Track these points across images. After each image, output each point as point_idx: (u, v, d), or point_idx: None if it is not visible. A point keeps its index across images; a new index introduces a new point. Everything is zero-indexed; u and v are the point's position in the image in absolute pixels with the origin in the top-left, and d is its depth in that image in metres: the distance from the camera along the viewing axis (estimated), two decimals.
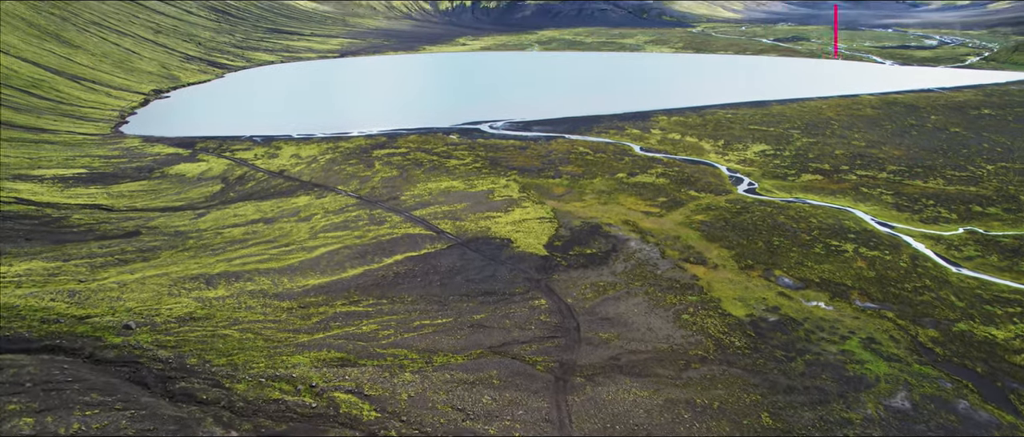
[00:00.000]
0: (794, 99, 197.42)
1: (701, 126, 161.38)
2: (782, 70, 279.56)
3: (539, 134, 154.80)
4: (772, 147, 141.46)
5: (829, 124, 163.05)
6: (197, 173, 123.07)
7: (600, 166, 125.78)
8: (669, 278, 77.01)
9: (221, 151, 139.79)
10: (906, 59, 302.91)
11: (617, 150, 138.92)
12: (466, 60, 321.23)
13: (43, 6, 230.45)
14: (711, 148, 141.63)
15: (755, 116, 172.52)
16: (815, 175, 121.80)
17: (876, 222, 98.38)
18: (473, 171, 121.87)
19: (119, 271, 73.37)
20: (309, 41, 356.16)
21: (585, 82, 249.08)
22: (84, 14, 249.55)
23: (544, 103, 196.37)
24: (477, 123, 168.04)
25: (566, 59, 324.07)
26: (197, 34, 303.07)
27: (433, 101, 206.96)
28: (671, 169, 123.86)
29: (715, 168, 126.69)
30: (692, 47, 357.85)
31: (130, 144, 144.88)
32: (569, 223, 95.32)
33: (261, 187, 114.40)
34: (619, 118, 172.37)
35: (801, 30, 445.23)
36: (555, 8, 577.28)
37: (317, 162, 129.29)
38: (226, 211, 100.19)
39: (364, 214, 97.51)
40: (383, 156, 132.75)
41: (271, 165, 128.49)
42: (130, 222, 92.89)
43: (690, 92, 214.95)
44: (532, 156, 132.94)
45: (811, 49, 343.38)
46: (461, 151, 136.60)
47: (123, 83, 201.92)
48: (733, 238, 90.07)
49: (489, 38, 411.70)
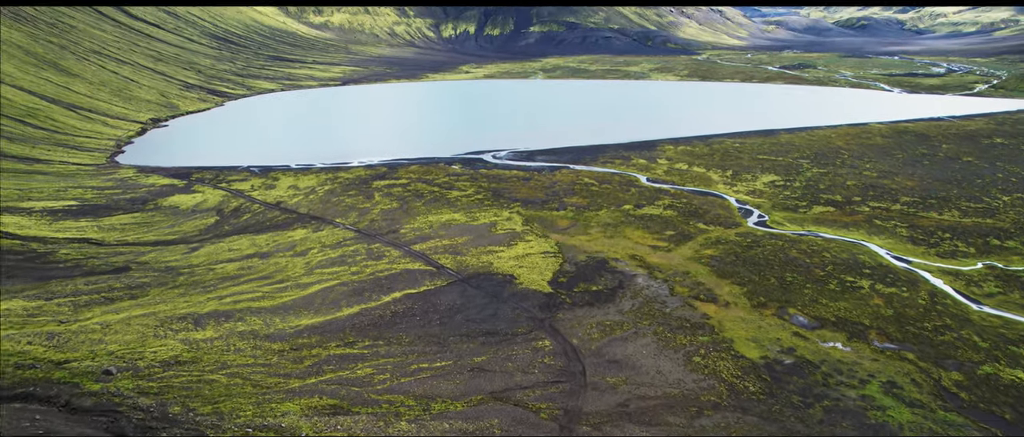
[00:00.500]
0: (802, 128, 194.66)
1: (708, 156, 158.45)
2: (789, 98, 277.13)
3: (543, 164, 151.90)
4: (782, 178, 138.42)
5: (839, 154, 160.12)
6: (192, 205, 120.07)
7: (606, 198, 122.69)
8: (679, 317, 73.72)
9: (217, 182, 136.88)
10: (914, 87, 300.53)
11: (623, 181, 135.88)
12: (469, 88, 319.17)
13: (42, 34, 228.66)
14: (719, 179, 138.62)
15: (763, 145, 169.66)
16: (827, 207, 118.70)
17: (892, 256, 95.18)
18: (475, 203, 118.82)
19: (103, 310, 70.20)
20: (311, 69, 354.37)
21: (590, 110, 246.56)
22: (84, 42, 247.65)
23: (548, 132, 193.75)
24: (480, 153, 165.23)
25: (570, 87, 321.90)
26: (198, 62, 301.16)
27: (435, 130, 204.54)
28: (679, 201, 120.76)
29: (724, 200, 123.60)
30: (698, 75, 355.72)
31: (125, 175, 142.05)
32: (574, 258, 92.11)
33: (257, 220, 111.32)
34: (625, 147, 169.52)
35: (807, 57, 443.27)
36: (559, 36, 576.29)
37: (315, 193, 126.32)
38: (220, 245, 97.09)
39: (362, 248, 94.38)
40: (383, 187, 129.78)
41: (268, 197, 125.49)
42: (120, 257, 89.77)
43: (697, 121, 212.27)
44: (536, 187, 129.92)
45: (818, 76, 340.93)
46: (463, 182, 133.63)
47: (121, 112, 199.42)
48: (744, 274, 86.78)
49: (493, 66, 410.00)
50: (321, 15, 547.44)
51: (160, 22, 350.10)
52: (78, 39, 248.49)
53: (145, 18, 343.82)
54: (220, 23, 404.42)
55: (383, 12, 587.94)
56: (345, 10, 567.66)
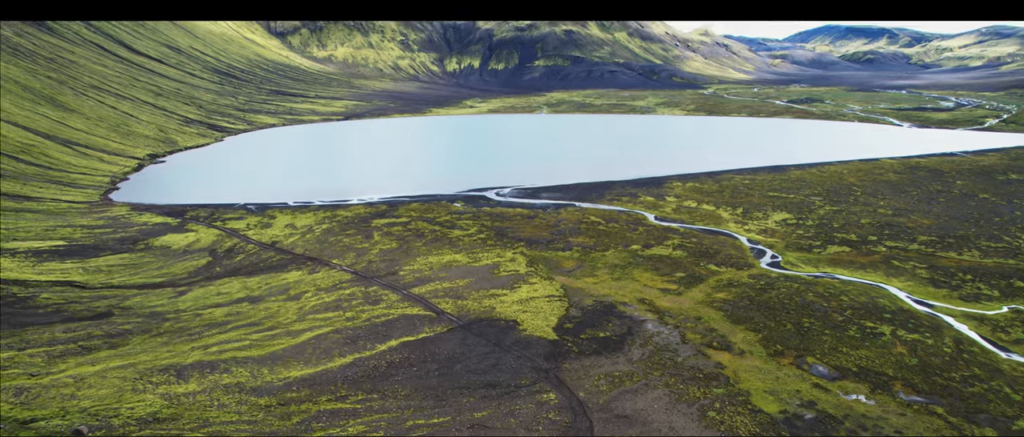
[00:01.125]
0: (813, 163, 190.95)
1: (718, 193, 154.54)
2: (798, 133, 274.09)
3: (548, 202, 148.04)
4: (794, 216, 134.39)
5: (851, 190, 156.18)
6: (184, 245, 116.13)
7: (613, 237, 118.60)
8: (691, 367, 69.42)
9: (212, 220, 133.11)
10: (924, 121, 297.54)
11: (630, 219, 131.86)
12: (473, 123, 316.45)
13: (40, 69, 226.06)
14: (730, 217, 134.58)
15: (773, 182, 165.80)
16: (842, 247, 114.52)
17: (912, 300, 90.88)
18: (477, 243, 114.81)
19: (79, 362, 66.09)
20: (313, 103, 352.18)
21: (596, 146, 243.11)
22: (83, 77, 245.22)
23: (553, 168, 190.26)
24: (483, 190, 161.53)
25: (576, 122, 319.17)
26: (199, 97, 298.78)
27: (437, 166, 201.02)
28: (688, 240, 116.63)
29: (735, 239, 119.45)
30: (704, 109, 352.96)
31: (117, 212, 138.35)
32: (580, 302, 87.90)
33: (250, 261, 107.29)
34: (632, 184, 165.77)
35: (814, 91, 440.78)
36: (564, 70, 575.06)
37: (312, 232, 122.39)
38: (209, 289, 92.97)
39: (359, 292, 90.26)
40: (383, 226, 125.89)
41: (263, 236, 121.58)
42: (103, 302, 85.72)
43: (705, 156, 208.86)
44: (540, 226, 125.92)
45: (826, 111, 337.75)
46: (465, 220, 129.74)
47: (118, 147, 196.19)
48: (759, 319, 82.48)
49: (497, 100, 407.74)
50: (324, 49, 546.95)
51: (163, 57, 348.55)
52: (78, 74, 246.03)
53: (148, 53, 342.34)
54: (223, 58, 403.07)
55: (387, 46, 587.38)
56: (348, 44, 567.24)
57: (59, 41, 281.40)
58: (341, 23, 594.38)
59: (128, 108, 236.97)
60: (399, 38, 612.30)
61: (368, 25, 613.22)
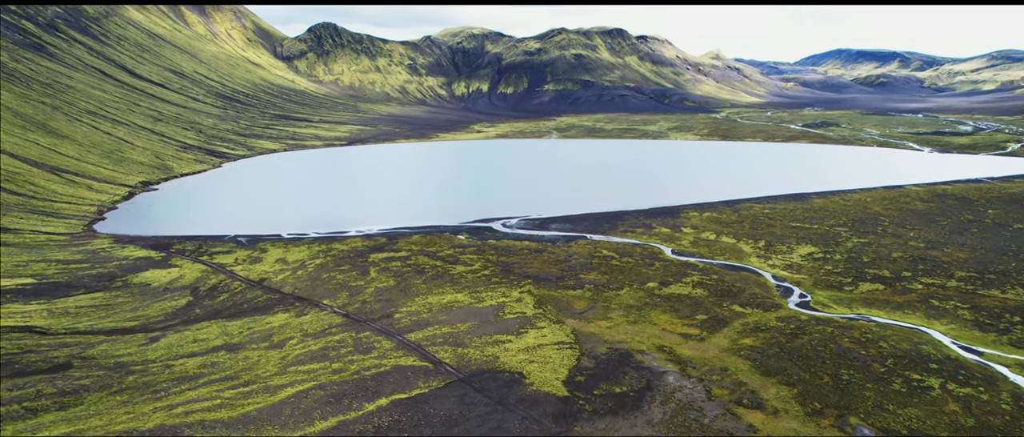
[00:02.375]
0: (835, 191, 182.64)
1: (737, 223, 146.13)
2: (816, 158, 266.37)
3: (557, 234, 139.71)
4: (820, 249, 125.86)
5: (878, 220, 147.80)
6: (165, 282, 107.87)
7: (627, 274, 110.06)
8: (720, 429, 60.92)
9: (199, 254, 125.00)
10: (944, 146, 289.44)
11: (646, 253, 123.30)
12: (480, 149, 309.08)
13: (34, 94, 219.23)
14: (751, 250, 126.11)
15: (795, 211, 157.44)
16: (875, 284, 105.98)
17: (958, 346, 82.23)
18: (481, 280, 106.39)
19: (18, 429, 57.74)
20: (317, 128, 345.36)
21: (607, 173, 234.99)
22: (79, 103, 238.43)
23: (563, 197, 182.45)
24: (489, 221, 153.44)
25: (586, 147, 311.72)
26: (199, 122, 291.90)
27: (441, 195, 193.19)
28: (709, 277, 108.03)
29: (759, 275, 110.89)
30: (718, 134, 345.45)
31: (98, 245, 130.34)
32: (593, 350, 79.33)
33: (235, 301, 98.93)
34: (646, 214, 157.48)
35: (829, 115, 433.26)
36: (574, 94, 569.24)
37: (304, 268, 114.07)
38: (185, 334, 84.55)
39: (349, 338, 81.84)
40: (380, 261, 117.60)
41: (252, 272, 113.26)
42: (63, 351, 77.36)
43: (721, 184, 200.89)
44: (549, 261, 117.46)
45: (843, 135, 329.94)
46: (469, 255, 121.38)
47: (109, 175, 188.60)
48: (792, 371, 73.85)
49: (505, 125, 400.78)
50: (330, 73, 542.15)
51: (166, 81, 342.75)
52: (74, 99, 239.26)
53: (150, 77, 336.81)
54: (228, 82, 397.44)
55: (394, 70, 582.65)
56: (355, 68, 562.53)
57: (58, 66, 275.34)
58: (348, 47, 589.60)
59: (124, 134, 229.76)
60: (407, 62, 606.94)
61: (375, 49, 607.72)
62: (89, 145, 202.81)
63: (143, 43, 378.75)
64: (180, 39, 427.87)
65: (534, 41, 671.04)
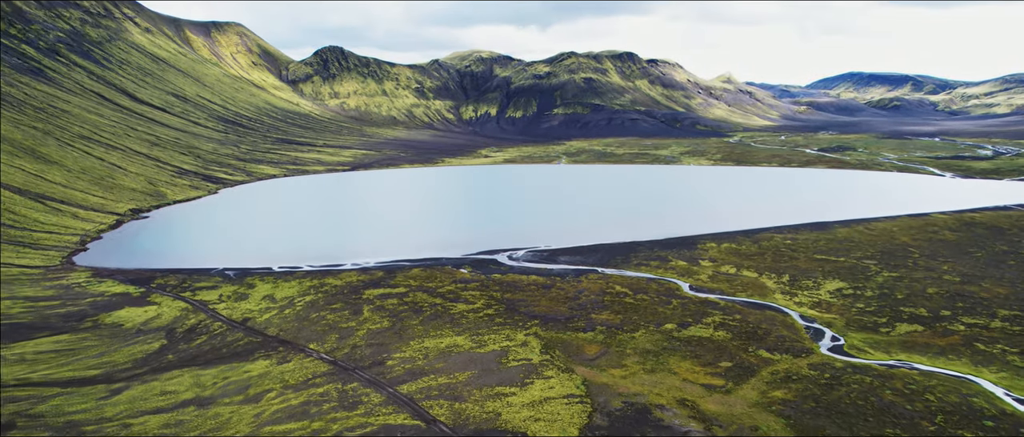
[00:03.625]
0: (858, 219, 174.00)
1: (758, 256, 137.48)
2: (835, 184, 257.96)
3: (567, 267, 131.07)
4: (849, 284, 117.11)
5: (907, 252, 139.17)
6: (139, 322, 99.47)
7: (642, 313, 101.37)
8: None
9: (181, 290, 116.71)
10: (966, 171, 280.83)
11: (662, 290, 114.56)
12: (487, 174, 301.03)
13: (26, 119, 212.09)
14: (775, 286, 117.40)
15: (818, 242, 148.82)
16: (913, 325, 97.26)
17: (1012, 398, 73.51)
18: (484, 321, 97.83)
19: None
20: (319, 152, 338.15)
21: (619, 200, 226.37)
22: (73, 127, 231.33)
23: (572, 226, 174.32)
24: (493, 252, 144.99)
25: (596, 173, 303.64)
26: (198, 146, 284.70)
27: (444, 224, 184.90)
28: (731, 317, 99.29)
29: (785, 315, 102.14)
30: (732, 158, 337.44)
31: (74, 279, 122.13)
32: (606, 404, 70.66)
33: (212, 345, 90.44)
34: (661, 245, 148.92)
35: (844, 139, 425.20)
36: (584, 118, 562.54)
37: (293, 307, 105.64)
38: (152, 385, 76.00)
39: (334, 390, 73.28)
40: (375, 298, 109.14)
41: (235, 311, 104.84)
42: (8, 407, 68.84)
43: (738, 212, 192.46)
44: (558, 298, 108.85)
45: (860, 159, 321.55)
46: (471, 291, 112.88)
47: (98, 202, 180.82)
48: (832, 431, 65.14)
49: (514, 149, 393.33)
50: (337, 97, 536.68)
51: (167, 105, 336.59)
52: (67, 123, 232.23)
53: (151, 101, 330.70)
54: (231, 106, 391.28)
55: (401, 93, 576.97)
56: (361, 92, 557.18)
57: (55, 90, 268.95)
58: (355, 70, 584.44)
59: (117, 159, 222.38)
60: (414, 86, 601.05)
61: (382, 72, 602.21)
62: (79, 171, 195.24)
63: (146, 67, 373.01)
64: (184, 63, 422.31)
65: (543, 65, 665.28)
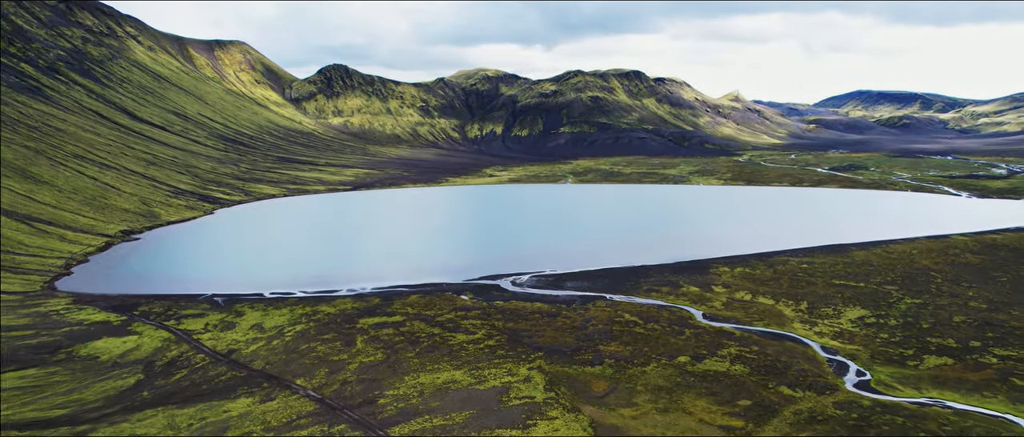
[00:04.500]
0: (875, 242, 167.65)
1: (773, 281, 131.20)
2: (849, 204, 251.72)
3: (573, 294, 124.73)
4: (871, 312, 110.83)
5: (929, 277, 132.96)
6: (116, 354, 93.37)
7: (654, 344, 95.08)
8: None
9: (165, 317, 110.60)
10: (981, 190, 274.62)
11: (674, 318, 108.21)
12: (491, 194, 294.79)
13: (18, 138, 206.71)
14: (793, 314, 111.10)
15: (835, 266, 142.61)
16: (942, 357, 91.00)
17: None
18: (484, 353, 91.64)
19: None
20: (321, 171, 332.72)
21: (627, 221, 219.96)
22: (66, 146, 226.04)
23: (579, 249, 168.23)
24: (496, 277, 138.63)
25: (604, 193, 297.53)
26: (197, 165, 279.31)
27: (446, 247, 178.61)
28: (748, 349, 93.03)
29: (805, 346, 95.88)
30: (742, 178, 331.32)
31: (53, 306, 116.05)
32: None
33: (193, 380, 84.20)
34: (671, 269, 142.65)
35: (855, 158, 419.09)
36: (590, 136, 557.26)
37: (282, 337, 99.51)
38: (121, 427, 69.67)
39: (318, 434, 67.17)
40: (370, 328, 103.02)
41: (220, 342, 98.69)
42: None
43: (751, 233, 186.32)
44: (564, 328, 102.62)
45: (873, 179, 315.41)
46: (472, 320, 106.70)
47: (87, 223, 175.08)
48: None
49: (519, 168, 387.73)
50: (340, 115, 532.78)
51: (167, 124, 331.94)
52: (61, 142, 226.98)
53: (151, 120, 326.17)
54: (232, 124, 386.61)
55: (405, 112, 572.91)
56: (365, 110, 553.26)
57: (52, 109, 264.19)
58: (359, 88, 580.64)
59: (111, 178, 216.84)
60: (419, 104, 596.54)
61: (387, 90, 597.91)
62: (70, 191, 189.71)
63: (147, 85, 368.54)
64: (186, 81, 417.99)
65: (550, 83, 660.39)
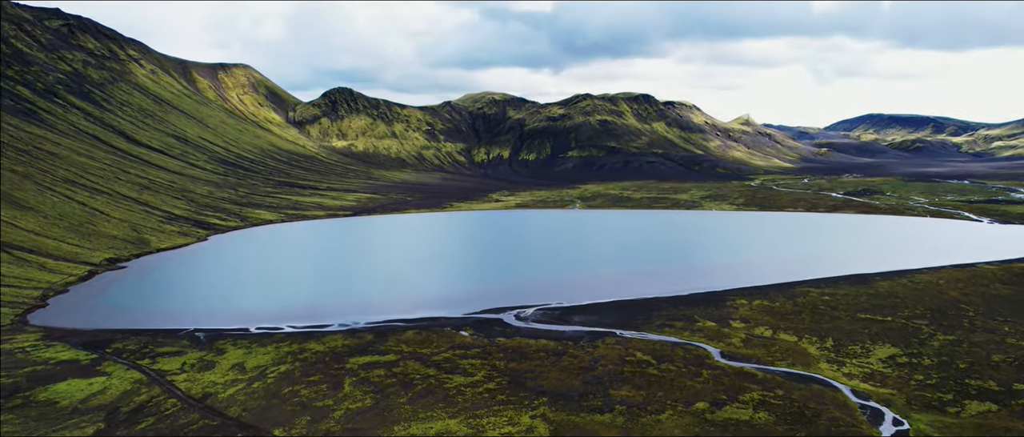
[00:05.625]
0: (899, 271, 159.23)
1: (795, 315, 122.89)
2: (867, 230, 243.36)
3: (581, 329, 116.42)
4: (902, 350, 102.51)
5: (959, 309, 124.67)
6: (78, 399, 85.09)
7: (669, 388, 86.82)
8: None
9: (140, 355, 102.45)
10: (1003, 216, 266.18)
11: (689, 357, 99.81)
12: (497, 220, 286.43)
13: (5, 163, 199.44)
14: (818, 352, 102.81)
15: (859, 298, 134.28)
16: (984, 403, 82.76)
17: None
18: (483, 398, 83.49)
19: None
20: (322, 196, 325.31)
21: (638, 249, 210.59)
22: (57, 170, 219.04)
23: (588, 280, 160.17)
24: (499, 311, 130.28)
25: (613, 219, 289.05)
26: (194, 190, 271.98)
27: (446, 277, 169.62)
28: (772, 393, 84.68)
29: (834, 389, 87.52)
30: (755, 203, 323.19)
31: (20, 343, 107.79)
32: None
33: (158, 431, 75.60)
34: (685, 302, 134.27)
35: (870, 182, 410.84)
36: (599, 160, 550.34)
37: (264, 379, 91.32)
38: None
39: None
40: (360, 368, 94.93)
41: (196, 384, 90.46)
42: None
43: (768, 262, 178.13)
44: (570, 369, 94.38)
45: (890, 204, 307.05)
46: (472, 359, 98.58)
47: (71, 251, 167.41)
48: None
49: (526, 193, 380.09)
50: (344, 139, 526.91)
51: (166, 147, 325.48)
52: (52, 167, 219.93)
53: (149, 143, 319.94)
54: (234, 147, 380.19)
55: (411, 135, 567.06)
56: (370, 134, 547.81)
57: (46, 132, 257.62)
58: (364, 112, 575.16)
59: (101, 203, 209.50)
60: (425, 128, 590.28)
61: (392, 114, 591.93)
62: (56, 217, 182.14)
63: (147, 108, 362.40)
64: (187, 104, 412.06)
65: (558, 107, 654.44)
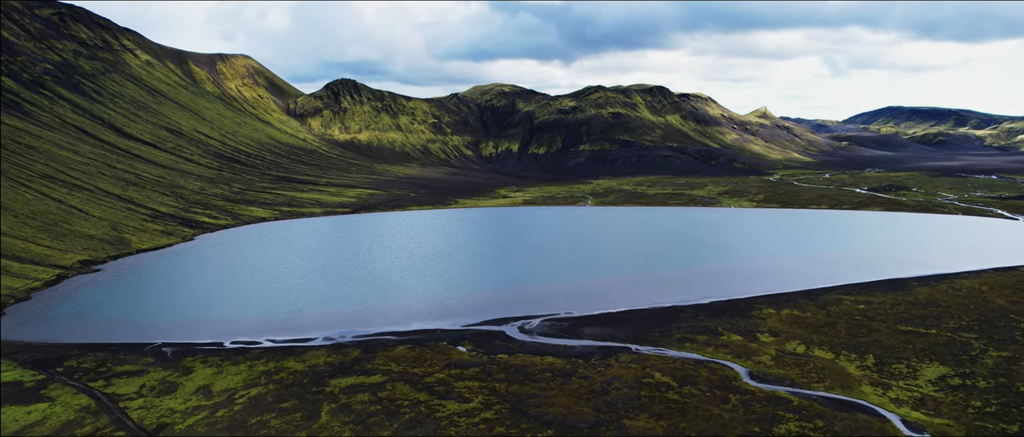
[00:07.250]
0: (937, 276, 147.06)
1: (828, 326, 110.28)
2: (897, 229, 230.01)
3: (592, 344, 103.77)
4: (952, 369, 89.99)
5: (1009, 320, 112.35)
6: (12, 432, 72.57)
7: (691, 418, 74.34)
8: None
9: (94, 375, 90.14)
10: None
11: (714, 378, 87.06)
12: (503, 218, 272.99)
13: None
14: (859, 372, 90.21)
15: (897, 306, 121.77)
16: None
17: None
18: (479, 431, 71.07)
19: None
20: (321, 192, 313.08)
21: (654, 250, 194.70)
22: (35, 165, 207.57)
23: (600, 285, 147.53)
24: (502, 322, 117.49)
25: (626, 216, 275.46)
26: (184, 185, 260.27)
27: (445, 282, 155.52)
28: (811, 423, 72.15)
29: (882, 419, 74.95)
30: (776, 199, 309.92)
31: None
32: None
33: None
34: (707, 312, 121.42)
35: (894, 177, 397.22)
36: (612, 154, 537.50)
37: (231, 405, 78.85)
38: None
39: None
40: (342, 391, 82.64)
41: (152, 412, 77.79)
42: None
43: (795, 266, 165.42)
44: (579, 393, 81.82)
45: (918, 200, 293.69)
46: (468, 381, 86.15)
47: (41, 253, 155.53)
48: None
49: (536, 189, 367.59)
50: (347, 132, 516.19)
51: (158, 141, 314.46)
52: (29, 162, 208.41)
53: (141, 137, 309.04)
54: (230, 141, 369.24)
55: (417, 129, 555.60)
56: (374, 126, 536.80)
57: (27, 124, 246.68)
58: (368, 104, 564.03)
59: (80, 201, 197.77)
60: (431, 121, 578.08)
61: (397, 106, 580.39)
62: (27, 215, 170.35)
63: (140, 100, 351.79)
64: (183, 96, 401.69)
65: (569, 99, 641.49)
